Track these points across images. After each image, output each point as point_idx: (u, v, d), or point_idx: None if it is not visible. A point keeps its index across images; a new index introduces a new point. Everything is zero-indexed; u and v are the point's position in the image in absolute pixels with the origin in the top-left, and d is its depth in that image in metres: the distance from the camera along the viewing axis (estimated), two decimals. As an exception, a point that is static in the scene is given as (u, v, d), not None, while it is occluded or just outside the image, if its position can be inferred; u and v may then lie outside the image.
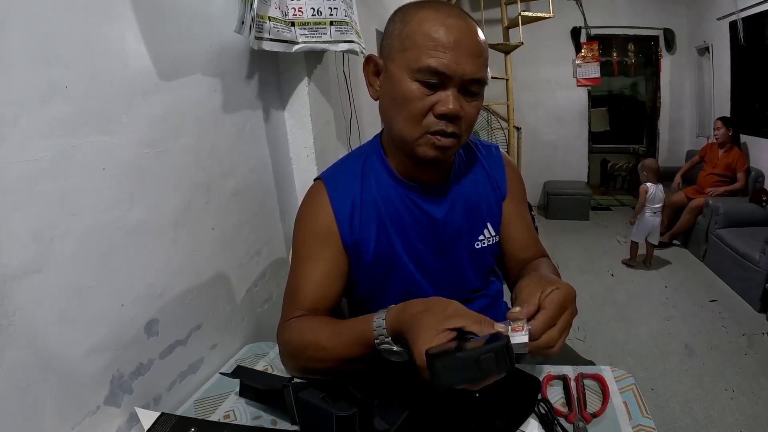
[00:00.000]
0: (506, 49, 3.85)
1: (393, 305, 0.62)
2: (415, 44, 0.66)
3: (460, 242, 0.82)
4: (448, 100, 0.66)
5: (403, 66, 0.67)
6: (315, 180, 0.83)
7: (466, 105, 0.68)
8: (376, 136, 0.84)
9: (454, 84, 0.66)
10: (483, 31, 0.70)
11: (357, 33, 1.11)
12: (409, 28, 0.67)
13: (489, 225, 0.85)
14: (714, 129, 3.65)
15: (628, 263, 3.33)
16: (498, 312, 0.95)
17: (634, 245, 3.26)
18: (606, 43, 4.92)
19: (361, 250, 0.78)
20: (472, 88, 0.68)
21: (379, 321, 0.60)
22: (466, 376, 0.45)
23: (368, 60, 0.74)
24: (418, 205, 0.79)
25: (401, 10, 0.71)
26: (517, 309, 0.56)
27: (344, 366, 0.68)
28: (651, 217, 3.12)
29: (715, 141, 3.68)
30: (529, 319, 0.55)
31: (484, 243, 0.84)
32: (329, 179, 0.80)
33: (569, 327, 0.57)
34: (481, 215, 0.84)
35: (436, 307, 0.56)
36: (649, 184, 3.12)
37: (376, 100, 0.75)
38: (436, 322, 0.54)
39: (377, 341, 0.60)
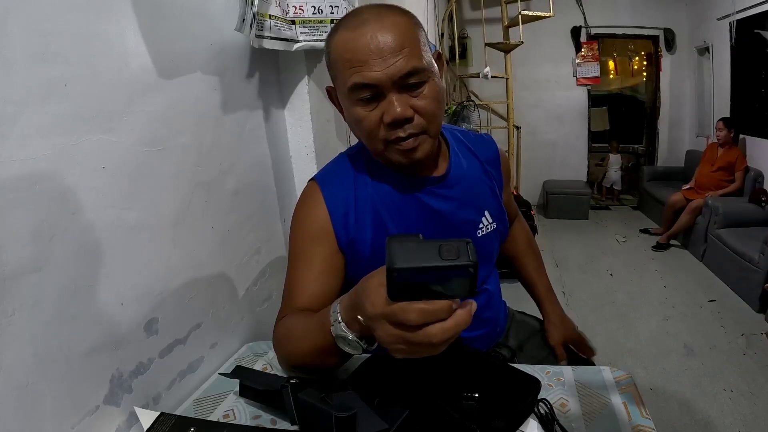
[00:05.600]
0: (506, 48, 3.84)
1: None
2: (340, 69, 0.68)
3: (462, 232, 0.83)
4: (390, 107, 0.65)
5: (342, 93, 0.70)
6: (309, 181, 0.84)
7: (414, 101, 0.67)
8: None
9: (389, 89, 0.65)
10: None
11: (357, 32, 1.11)
12: (332, 56, 0.69)
13: (486, 213, 0.86)
14: (716, 130, 3.66)
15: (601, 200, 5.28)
16: (496, 310, 0.95)
17: (604, 189, 5.32)
18: (606, 42, 4.92)
19: (357, 249, 0.78)
20: (410, 81, 0.66)
21: (334, 306, 0.58)
22: (425, 260, 0.40)
23: (328, 91, 0.78)
24: (417, 198, 0.79)
25: (326, 41, 0.73)
26: None
27: (314, 359, 0.66)
28: (613, 173, 5.13)
29: (716, 141, 3.69)
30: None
31: (484, 231, 0.86)
32: (323, 179, 0.81)
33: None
34: (479, 203, 0.85)
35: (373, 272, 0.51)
36: (611, 155, 5.09)
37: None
38: (378, 277, 0.49)
39: (332, 327, 0.57)
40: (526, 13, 3.65)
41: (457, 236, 0.81)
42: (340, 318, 0.56)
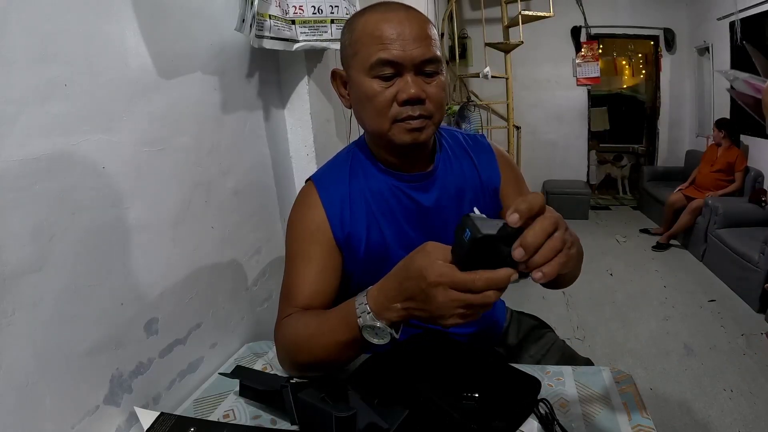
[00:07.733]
0: (506, 48, 3.84)
1: (371, 286, 0.63)
2: (364, 45, 0.72)
3: (451, 228, 0.83)
4: (406, 86, 0.71)
5: (359, 69, 0.73)
6: (306, 181, 0.85)
7: (426, 86, 0.72)
8: (362, 135, 0.86)
9: (408, 70, 0.71)
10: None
11: (357, 32, 1.11)
12: (356, 35, 0.73)
13: (476, 210, 0.85)
14: (712, 131, 3.68)
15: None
16: (493, 308, 0.95)
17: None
18: (606, 42, 4.92)
19: (353, 245, 0.79)
20: (427, 69, 0.72)
21: (360, 299, 0.62)
22: (500, 230, 0.51)
23: (333, 74, 0.80)
24: (407, 194, 0.81)
25: (348, 22, 0.77)
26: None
27: (334, 354, 0.68)
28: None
29: (714, 143, 3.70)
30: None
31: None
32: (319, 179, 0.83)
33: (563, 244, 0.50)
34: (468, 201, 0.86)
35: (416, 252, 0.58)
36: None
37: (350, 109, 0.80)
38: (432, 255, 0.56)
39: (360, 319, 0.61)
40: (526, 13, 3.65)
41: (445, 232, 0.82)
42: (368, 309, 0.60)
